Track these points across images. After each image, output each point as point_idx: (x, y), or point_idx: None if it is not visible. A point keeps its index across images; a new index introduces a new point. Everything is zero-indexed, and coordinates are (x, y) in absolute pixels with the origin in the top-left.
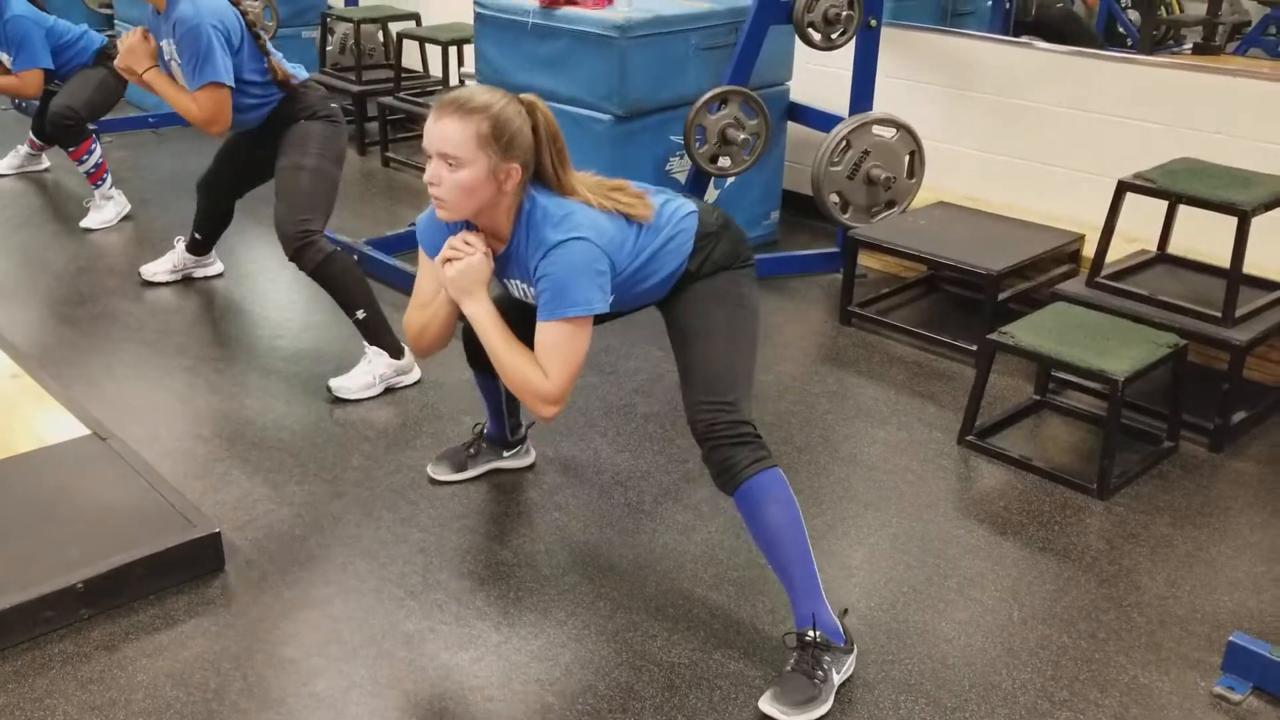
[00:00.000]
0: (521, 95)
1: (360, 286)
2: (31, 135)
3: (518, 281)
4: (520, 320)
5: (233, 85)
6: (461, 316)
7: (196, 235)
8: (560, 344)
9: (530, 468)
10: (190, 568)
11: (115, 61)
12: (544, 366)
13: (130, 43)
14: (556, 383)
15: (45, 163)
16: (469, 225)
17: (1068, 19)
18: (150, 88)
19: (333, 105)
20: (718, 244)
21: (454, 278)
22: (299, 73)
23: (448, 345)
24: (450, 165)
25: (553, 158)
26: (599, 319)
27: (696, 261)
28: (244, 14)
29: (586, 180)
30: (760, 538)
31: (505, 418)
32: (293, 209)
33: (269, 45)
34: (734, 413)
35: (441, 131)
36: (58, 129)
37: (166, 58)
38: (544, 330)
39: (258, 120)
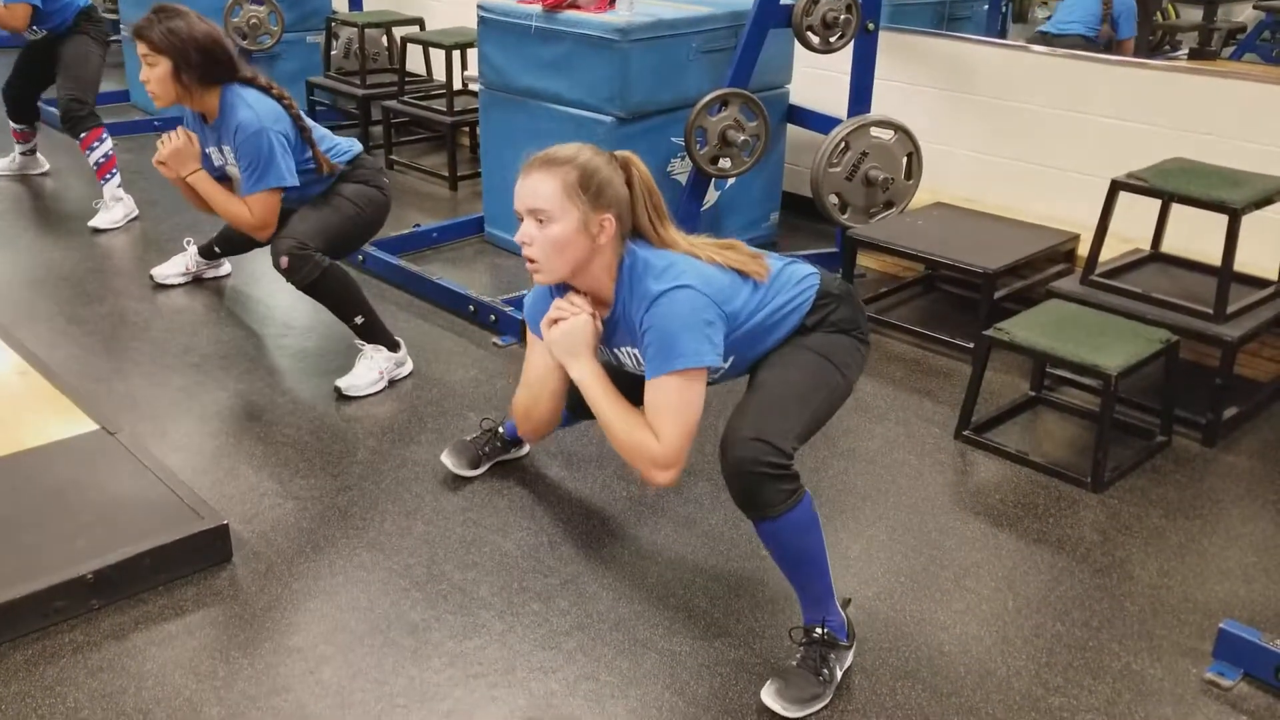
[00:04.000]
0: (616, 152)
1: (355, 296)
2: (12, 125)
3: (628, 349)
4: (633, 397)
5: (296, 185)
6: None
7: (215, 249)
8: (670, 401)
9: (524, 456)
10: (198, 559)
11: (155, 161)
12: (655, 428)
13: (177, 145)
14: (669, 445)
15: (44, 165)
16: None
17: None
18: (194, 189)
19: (385, 179)
20: (838, 308)
21: (559, 339)
22: (354, 147)
23: (557, 424)
24: (540, 221)
25: (650, 212)
26: (708, 384)
27: (814, 319)
28: (289, 107)
29: (694, 239)
30: (780, 561)
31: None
32: (296, 227)
33: (314, 137)
34: (778, 439)
35: (530, 187)
36: (69, 120)
37: (217, 164)
38: (652, 388)
39: (312, 197)
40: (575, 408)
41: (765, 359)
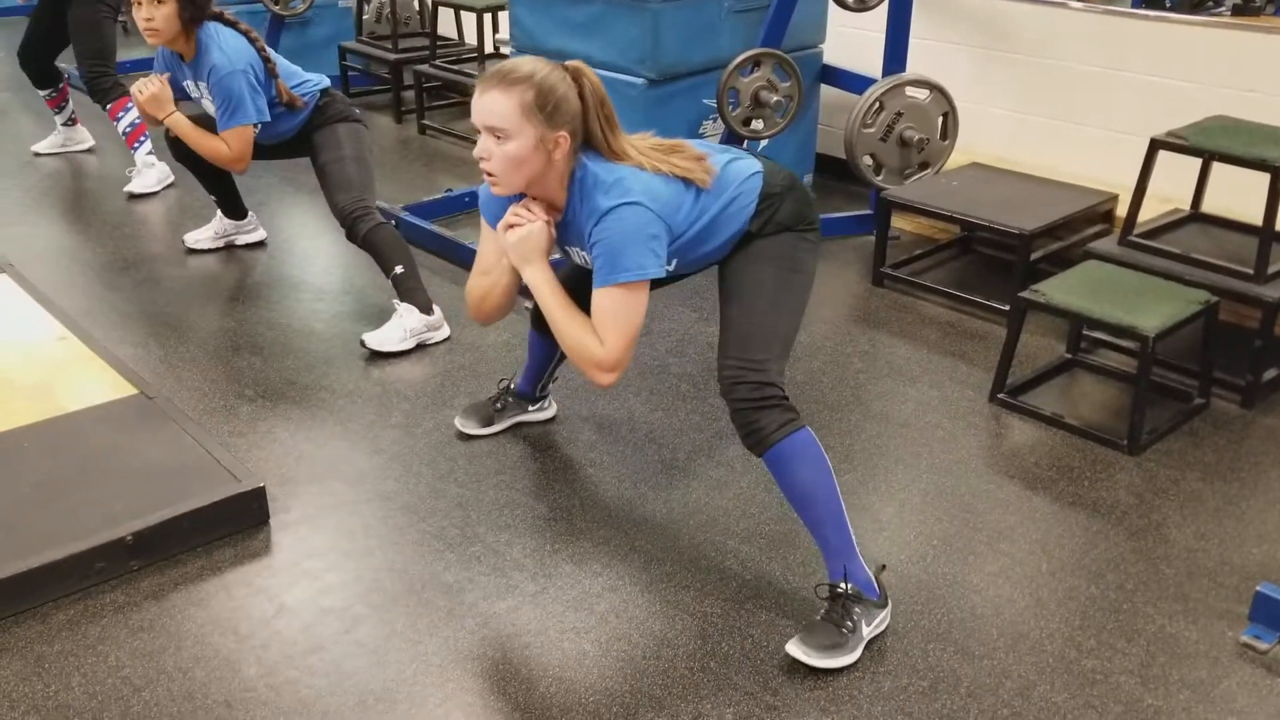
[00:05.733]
0: (566, 63)
1: (400, 246)
2: (41, 93)
3: (577, 249)
4: (584, 292)
5: (267, 120)
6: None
7: (213, 198)
8: (615, 310)
9: (552, 420)
10: (236, 521)
11: (136, 110)
12: (600, 334)
13: (152, 92)
14: (612, 349)
15: (88, 140)
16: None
17: None
18: (173, 131)
19: (355, 110)
20: (782, 204)
21: (515, 244)
22: (322, 81)
23: (507, 314)
24: (498, 138)
25: (601, 124)
26: (658, 283)
27: (758, 222)
28: (253, 41)
29: (641, 144)
30: (792, 498)
31: (541, 377)
32: (348, 189)
33: (277, 70)
34: (760, 373)
35: (486, 105)
36: (95, 91)
37: (195, 97)
38: (598, 297)
39: (292, 130)
40: (537, 321)
41: (725, 281)
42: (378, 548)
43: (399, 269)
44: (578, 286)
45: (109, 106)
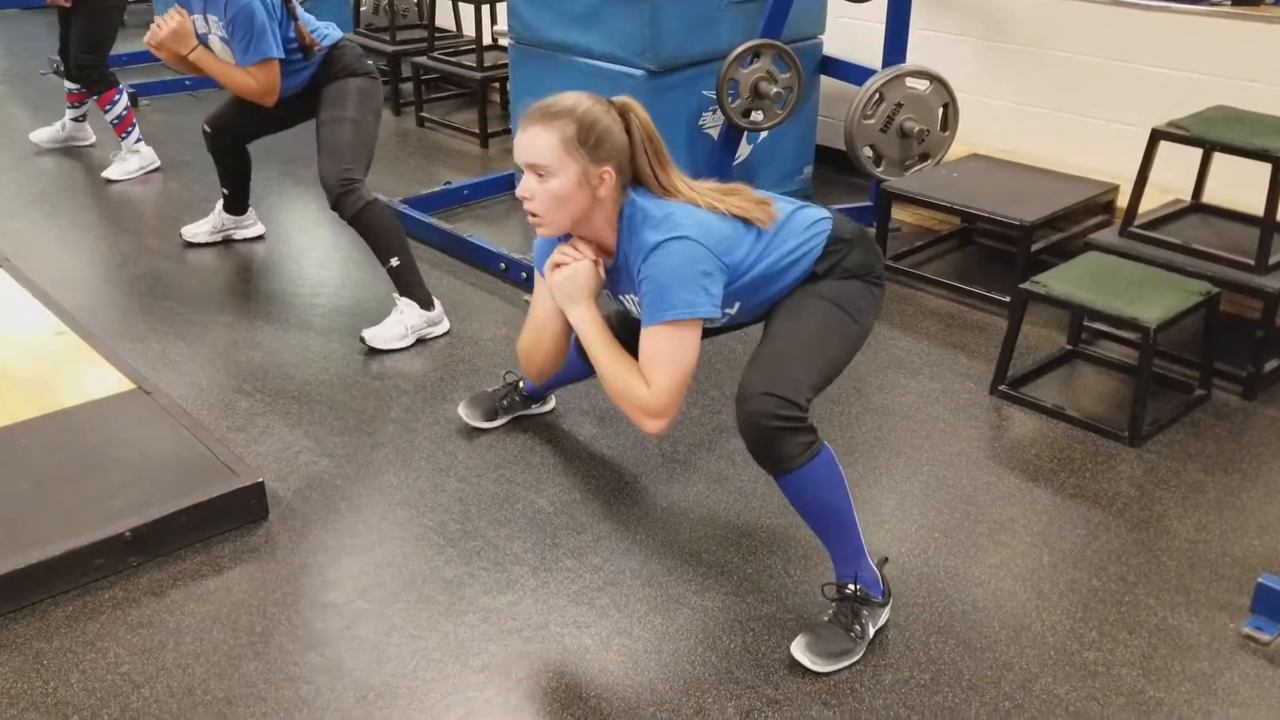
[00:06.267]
0: (614, 99)
1: (396, 234)
2: (67, 86)
3: (630, 295)
4: (635, 341)
5: (283, 56)
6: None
7: (225, 191)
8: (662, 350)
9: (549, 412)
10: (235, 516)
11: (154, 47)
12: (647, 376)
13: (172, 26)
14: (659, 393)
15: (91, 137)
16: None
17: None
18: (196, 66)
19: (369, 63)
20: (850, 252)
21: (561, 284)
22: (333, 32)
23: (561, 365)
24: (540, 176)
25: (650, 159)
26: (714, 331)
27: (825, 265)
28: None
29: (698, 185)
30: (805, 515)
31: (561, 386)
32: (336, 159)
33: (298, 11)
34: (791, 393)
35: (528, 141)
36: (84, 77)
37: (201, 31)
38: (645, 337)
39: (302, 84)
40: (582, 353)
41: (777, 308)
42: (377, 542)
43: (395, 261)
44: (630, 336)
45: (97, 97)
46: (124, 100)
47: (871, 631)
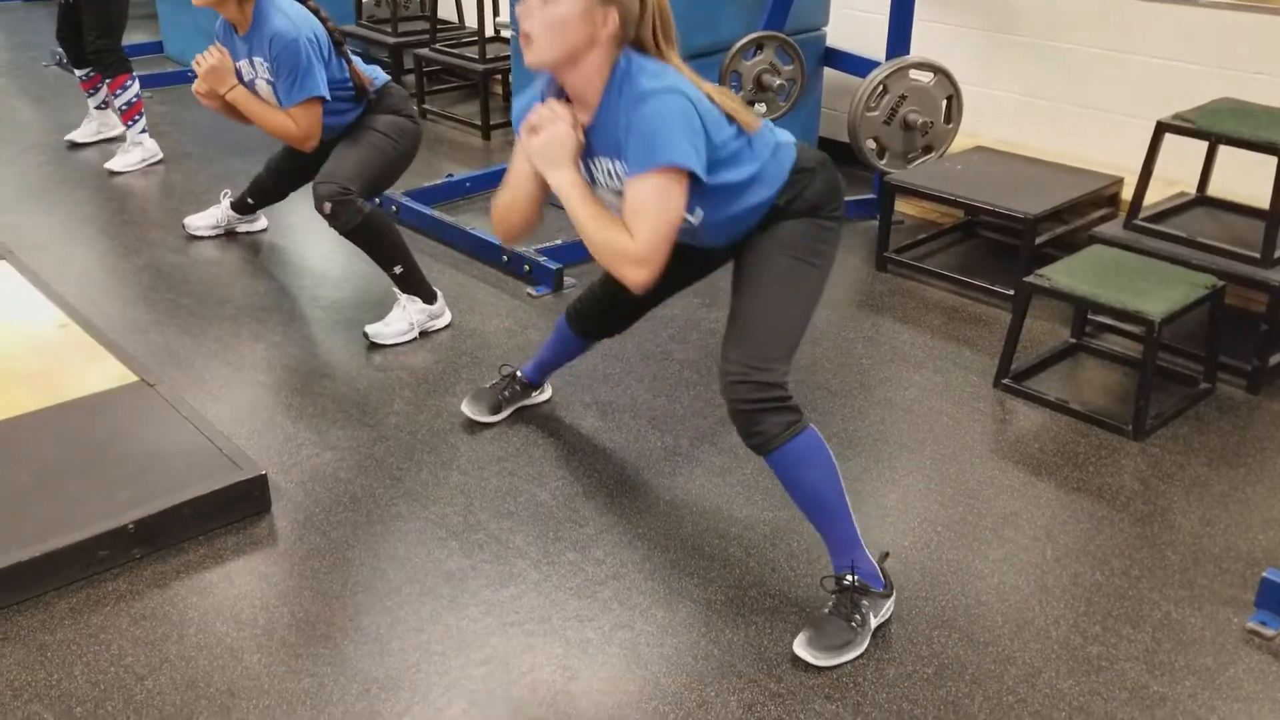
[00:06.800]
0: None
1: (396, 244)
2: (77, 73)
3: (605, 159)
4: (623, 302)
5: (328, 98)
6: (550, 194)
7: (249, 200)
8: (649, 199)
9: (548, 401)
10: (238, 509)
11: (194, 86)
12: (631, 228)
13: (213, 63)
14: (642, 242)
15: (119, 126)
16: (559, 95)
17: None
18: (235, 106)
19: (414, 106)
20: (812, 182)
21: (540, 149)
22: (378, 76)
23: (534, 228)
24: None
25: (657, 30)
26: (682, 276)
27: (787, 196)
28: (324, 20)
29: (694, 78)
30: (796, 498)
31: (556, 369)
32: (337, 169)
33: (349, 52)
34: (765, 373)
35: None
36: (100, 61)
37: (249, 78)
38: (632, 187)
39: (345, 126)
40: (591, 327)
41: (739, 267)
42: (380, 536)
43: (398, 269)
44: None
45: (111, 80)
46: (135, 87)
47: (874, 621)
